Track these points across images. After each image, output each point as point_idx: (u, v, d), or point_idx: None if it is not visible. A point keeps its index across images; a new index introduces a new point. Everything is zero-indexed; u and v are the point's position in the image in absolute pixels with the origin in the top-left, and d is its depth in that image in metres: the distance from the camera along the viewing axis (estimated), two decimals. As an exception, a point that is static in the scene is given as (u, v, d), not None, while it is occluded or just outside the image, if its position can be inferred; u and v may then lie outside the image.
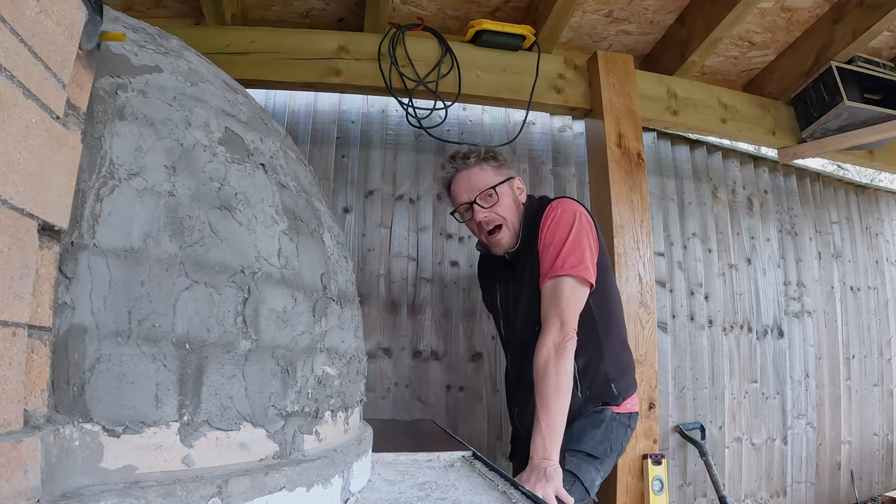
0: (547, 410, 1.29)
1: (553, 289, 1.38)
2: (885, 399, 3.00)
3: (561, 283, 1.37)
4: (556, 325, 1.34)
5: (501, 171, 1.53)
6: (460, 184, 1.52)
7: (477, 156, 1.52)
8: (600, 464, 1.40)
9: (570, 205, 1.48)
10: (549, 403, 1.29)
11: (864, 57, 2.32)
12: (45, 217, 0.48)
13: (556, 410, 1.29)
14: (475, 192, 1.50)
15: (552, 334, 1.34)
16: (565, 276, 1.37)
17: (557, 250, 1.39)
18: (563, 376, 1.31)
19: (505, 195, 1.50)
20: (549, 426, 1.28)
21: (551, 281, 1.39)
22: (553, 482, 1.21)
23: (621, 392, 1.45)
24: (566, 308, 1.35)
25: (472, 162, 1.51)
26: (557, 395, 1.29)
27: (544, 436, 1.27)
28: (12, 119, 0.43)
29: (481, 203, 1.49)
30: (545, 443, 1.27)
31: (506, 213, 1.50)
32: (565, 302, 1.36)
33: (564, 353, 1.32)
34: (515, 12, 2.18)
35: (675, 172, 2.66)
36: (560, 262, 1.38)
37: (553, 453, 1.26)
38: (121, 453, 0.54)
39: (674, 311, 2.50)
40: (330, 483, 0.72)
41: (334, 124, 2.30)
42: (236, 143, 0.75)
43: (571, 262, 1.37)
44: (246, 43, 1.97)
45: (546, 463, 1.25)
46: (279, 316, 0.69)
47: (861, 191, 3.28)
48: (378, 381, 2.13)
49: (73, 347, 0.53)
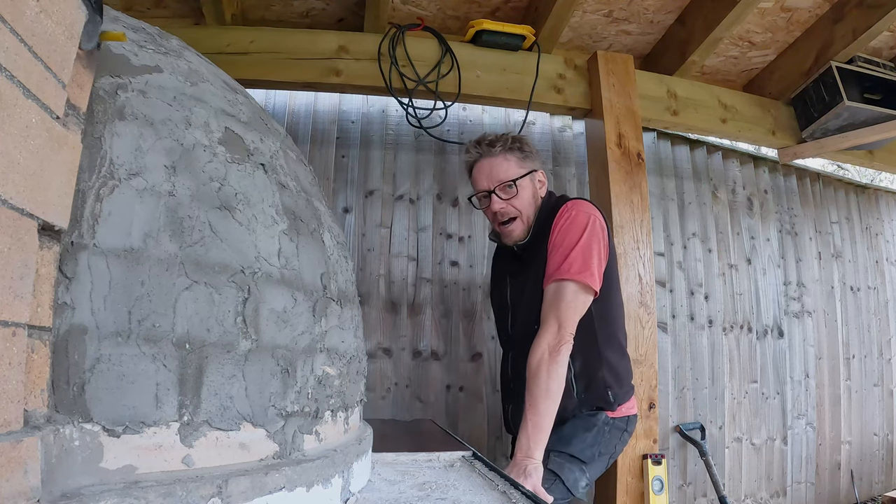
0: (535, 410, 1.29)
1: (555, 291, 1.38)
2: (885, 399, 3.00)
3: (564, 287, 1.37)
4: (554, 327, 1.34)
5: (525, 162, 1.52)
6: (482, 170, 1.52)
7: (503, 144, 1.50)
8: (587, 466, 1.39)
9: (585, 207, 1.46)
10: (538, 404, 1.29)
11: (864, 57, 2.32)
12: (45, 217, 0.48)
13: (545, 411, 1.29)
14: (495, 181, 1.49)
15: (548, 336, 1.34)
16: (569, 281, 1.36)
17: (566, 253, 1.38)
18: (555, 379, 1.31)
19: (524, 188, 1.50)
20: (535, 426, 1.28)
21: (555, 283, 1.38)
22: (531, 479, 1.22)
23: (617, 399, 1.45)
24: (565, 312, 1.35)
25: (497, 150, 1.50)
26: (547, 397, 1.30)
27: (529, 434, 1.28)
28: (12, 119, 0.43)
29: (500, 194, 1.49)
30: (529, 441, 1.27)
31: (522, 206, 1.49)
32: (565, 306, 1.35)
33: (558, 357, 1.32)
34: (515, 12, 2.18)
35: (675, 172, 2.66)
36: (567, 265, 1.37)
37: (536, 452, 1.27)
38: (121, 453, 0.54)
39: (674, 311, 2.50)
40: (330, 483, 0.72)
41: (334, 124, 2.30)
42: (236, 143, 0.75)
43: (578, 268, 1.37)
44: (246, 43, 1.97)
45: (527, 461, 1.25)
46: (279, 316, 0.69)
47: (861, 191, 3.28)
48: (378, 381, 2.13)
49: (73, 347, 0.52)
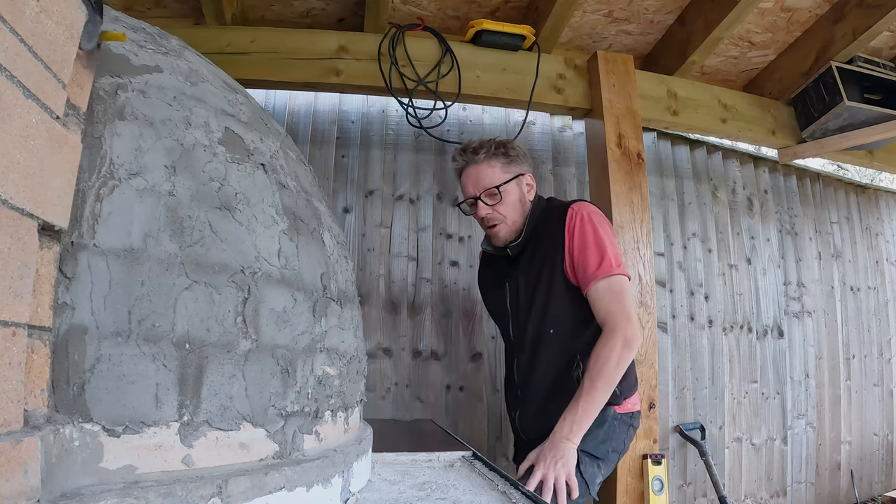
0: (591, 397, 1.30)
1: (610, 288, 1.39)
2: (885, 399, 3.00)
3: (617, 283, 1.39)
4: (624, 321, 1.36)
5: (511, 167, 1.52)
6: (469, 177, 1.53)
7: (487, 151, 1.51)
8: (602, 463, 1.40)
9: (591, 207, 1.50)
10: (597, 391, 1.30)
11: (864, 57, 2.32)
12: (45, 217, 0.48)
13: (598, 399, 1.31)
14: (481, 188, 1.51)
15: (622, 328, 1.35)
16: (619, 276, 1.39)
17: (602, 252, 1.40)
18: (621, 371, 1.33)
19: (510, 193, 1.51)
20: (585, 412, 1.29)
21: (605, 281, 1.39)
22: (567, 467, 1.22)
23: (623, 392, 1.45)
24: (630, 305, 1.38)
25: (481, 157, 1.51)
26: (607, 385, 1.31)
27: (577, 418, 1.29)
28: (12, 119, 0.43)
29: (485, 200, 1.51)
30: (573, 425, 1.28)
31: (507, 211, 1.51)
32: (628, 300, 1.39)
33: (632, 347, 1.34)
34: (515, 12, 2.18)
35: (675, 172, 2.66)
36: (607, 263, 1.39)
37: (576, 437, 1.27)
38: (121, 453, 0.54)
39: (674, 311, 2.50)
40: (330, 483, 0.72)
41: (334, 124, 2.30)
42: (236, 143, 0.75)
43: (618, 262, 1.41)
44: (246, 43, 1.97)
45: (566, 445, 1.26)
46: (279, 316, 0.69)
47: (861, 191, 3.28)
48: (378, 381, 2.13)
49: (73, 347, 0.52)
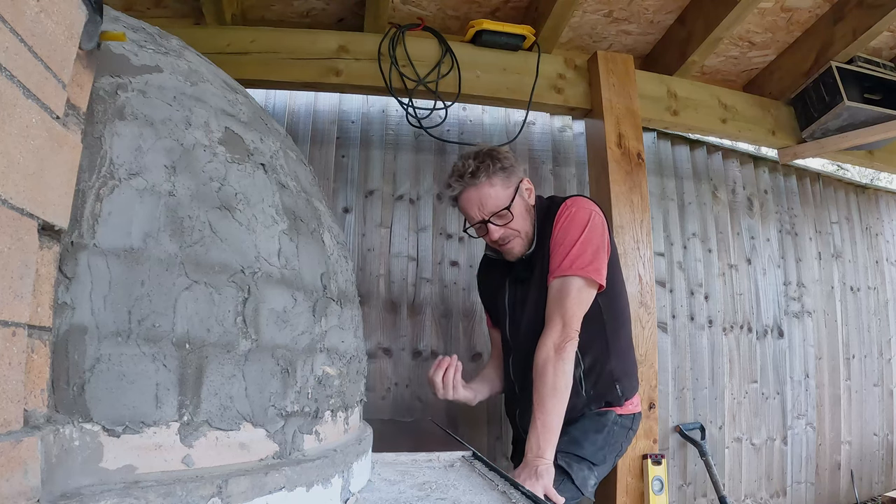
0: (543, 409, 1.29)
1: (560, 288, 1.37)
2: (885, 399, 3.00)
3: (568, 283, 1.36)
4: (559, 325, 1.34)
5: (511, 179, 1.46)
6: (471, 201, 1.45)
7: (486, 171, 1.43)
8: (596, 465, 1.39)
9: (584, 203, 1.45)
10: (546, 402, 1.29)
11: (864, 57, 2.32)
12: (45, 217, 0.48)
13: (552, 410, 1.29)
14: (488, 212, 1.44)
15: (553, 334, 1.33)
16: (573, 276, 1.36)
17: (568, 249, 1.37)
18: (561, 377, 1.30)
19: (517, 206, 1.45)
20: (544, 425, 1.28)
21: (559, 280, 1.37)
22: (543, 480, 1.22)
23: (625, 392, 1.45)
24: (570, 308, 1.34)
25: (481, 179, 1.43)
26: (554, 395, 1.29)
27: (539, 434, 1.27)
28: (12, 119, 0.43)
29: (496, 221, 1.45)
30: (539, 441, 1.27)
31: (519, 225, 1.46)
32: (570, 302, 1.35)
33: (564, 354, 1.31)
34: (515, 12, 2.18)
35: (675, 172, 2.66)
36: (569, 261, 1.36)
37: (547, 452, 1.26)
38: (121, 453, 0.54)
39: (674, 311, 2.50)
40: (330, 483, 0.72)
41: (334, 124, 2.30)
42: (236, 143, 0.75)
43: (581, 263, 1.36)
44: (246, 43, 1.97)
45: (539, 461, 1.25)
46: (279, 316, 0.69)
47: (861, 191, 3.28)
48: (378, 381, 2.13)
49: (73, 347, 0.52)
